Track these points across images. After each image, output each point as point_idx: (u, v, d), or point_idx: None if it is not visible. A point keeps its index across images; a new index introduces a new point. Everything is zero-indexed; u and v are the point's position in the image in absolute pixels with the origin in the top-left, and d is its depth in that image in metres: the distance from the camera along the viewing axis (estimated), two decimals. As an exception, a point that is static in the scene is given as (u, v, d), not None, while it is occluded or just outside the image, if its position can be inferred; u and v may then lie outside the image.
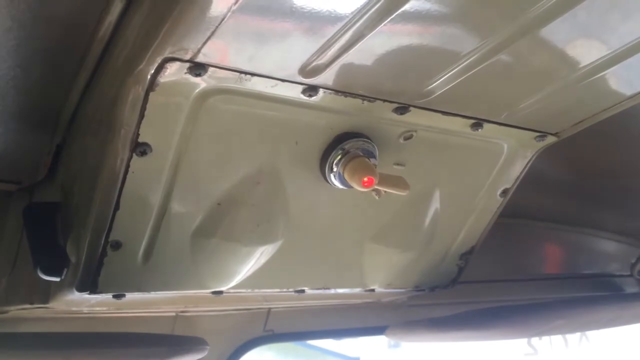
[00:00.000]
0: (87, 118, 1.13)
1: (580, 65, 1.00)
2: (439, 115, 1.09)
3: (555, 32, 0.91)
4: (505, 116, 1.14)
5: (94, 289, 1.06)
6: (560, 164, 1.92)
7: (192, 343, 1.31)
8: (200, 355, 1.32)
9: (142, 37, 0.86)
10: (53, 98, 1.11)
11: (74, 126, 1.19)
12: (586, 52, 0.98)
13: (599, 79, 1.04)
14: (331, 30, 0.83)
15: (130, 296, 1.14)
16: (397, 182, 1.06)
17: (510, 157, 1.29)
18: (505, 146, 1.27)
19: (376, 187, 1.03)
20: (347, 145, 1.07)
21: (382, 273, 1.43)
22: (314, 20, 0.80)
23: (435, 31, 0.87)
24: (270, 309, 1.78)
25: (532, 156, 1.31)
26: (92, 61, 1.04)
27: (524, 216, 2.17)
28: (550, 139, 1.26)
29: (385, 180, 1.03)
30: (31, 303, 1.23)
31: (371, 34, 0.84)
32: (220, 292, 1.27)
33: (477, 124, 1.15)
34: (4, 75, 1.00)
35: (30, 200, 1.31)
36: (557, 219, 2.27)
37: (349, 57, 0.89)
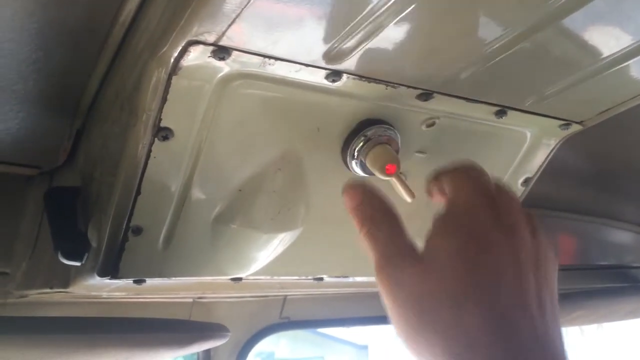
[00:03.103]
0: (108, 103, 1.12)
1: (606, 54, 0.98)
2: (463, 102, 1.08)
3: (580, 21, 0.88)
4: (530, 104, 1.12)
5: (115, 274, 1.06)
6: (578, 153, 1.90)
7: (214, 329, 1.31)
8: (221, 342, 1.33)
9: (166, 19, 0.85)
10: (74, 82, 1.11)
11: (94, 111, 1.19)
12: (611, 41, 0.95)
13: (625, 67, 1.02)
14: (358, 15, 0.81)
15: (150, 282, 1.14)
16: (406, 185, 1.04)
17: (534, 145, 1.27)
18: (529, 134, 1.25)
19: (398, 174, 1.02)
20: (369, 132, 1.06)
21: (400, 261, 1.41)
22: (340, 3, 0.78)
23: (461, 18, 0.85)
24: (286, 296, 1.78)
25: (556, 145, 1.29)
26: (113, 45, 1.03)
27: (541, 206, 2.15)
28: (575, 128, 1.23)
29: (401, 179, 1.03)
30: (51, 287, 1.23)
31: (397, 18, 0.82)
32: (240, 279, 1.26)
33: (502, 111, 1.13)
34: (26, 58, 0.99)
35: (50, 185, 1.31)
36: (574, 209, 2.25)
37: (375, 42, 0.87)
